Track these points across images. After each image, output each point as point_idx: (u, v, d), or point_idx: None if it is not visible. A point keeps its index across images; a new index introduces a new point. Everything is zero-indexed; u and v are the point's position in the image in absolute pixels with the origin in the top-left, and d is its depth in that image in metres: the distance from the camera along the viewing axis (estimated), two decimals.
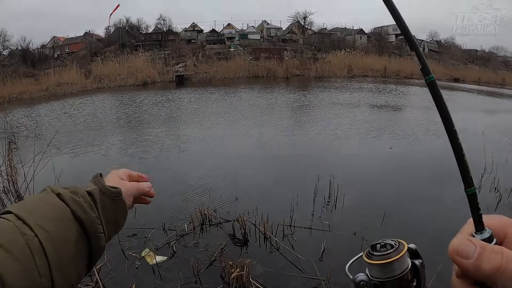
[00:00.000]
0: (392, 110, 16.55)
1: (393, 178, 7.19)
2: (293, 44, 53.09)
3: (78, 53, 50.85)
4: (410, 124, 12.46)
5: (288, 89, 26.69)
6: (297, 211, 5.28)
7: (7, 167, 6.94)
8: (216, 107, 17.96)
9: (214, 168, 8.07)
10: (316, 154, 9.11)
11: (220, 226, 5.20)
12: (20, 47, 50.72)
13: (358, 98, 20.37)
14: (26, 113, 20.35)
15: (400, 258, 0.52)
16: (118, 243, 4.64)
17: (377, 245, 0.53)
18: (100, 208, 0.77)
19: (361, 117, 14.24)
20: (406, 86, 29.17)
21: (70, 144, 10.65)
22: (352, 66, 41.25)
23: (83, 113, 18.29)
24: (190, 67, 41.28)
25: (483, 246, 0.44)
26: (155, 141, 10.86)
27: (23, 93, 33.56)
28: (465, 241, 0.45)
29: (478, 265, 0.43)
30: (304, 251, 4.45)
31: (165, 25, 57.05)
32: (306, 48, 50.71)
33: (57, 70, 40.77)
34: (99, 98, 25.99)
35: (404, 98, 21.37)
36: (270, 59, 41.68)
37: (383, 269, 0.52)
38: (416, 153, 9.08)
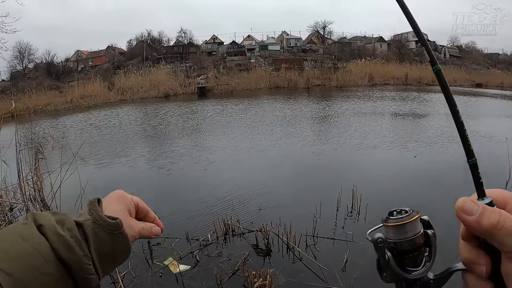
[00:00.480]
0: (416, 118, 16.32)
1: (417, 187, 7.06)
2: (313, 54, 53.13)
3: (101, 66, 52.14)
4: (435, 132, 12.24)
5: (310, 99, 26.69)
6: (320, 222, 5.25)
7: (33, 176, 7.14)
8: (240, 118, 18.08)
9: (238, 178, 8.11)
10: (339, 164, 9.06)
11: (243, 236, 5.21)
12: (45, 60, 52.39)
13: (381, 107, 20.18)
14: (51, 124, 20.98)
15: (412, 222, 0.57)
16: (142, 251, 4.71)
17: (394, 211, 0.59)
18: (93, 243, 0.65)
19: (385, 125, 14.10)
20: (428, 93, 28.74)
21: (96, 155, 10.90)
22: (373, 74, 40.98)
23: (108, 125, 18.71)
24: (211, 79, 41.75)
25: (484, 206, 0.51)
26: (181, 152, 10.99)
27: (48, 105, 34.63)
28: (469, 201, 0.52)
29: (479, 221, 0.50)
30: (327, 261, 4.41)
31: (186, 38, 58.00)
32: (326, 58, 50.66)
33: (81, 82, 41.86)
34: (123, 110, 26.53)
35: (428, 106, 21.03)
36: (291, 70, 41.78)
37: (397, 230, 0.57)
38: (442, 161, 8.90)
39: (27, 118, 10.49)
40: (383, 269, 0.59)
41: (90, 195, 5.56)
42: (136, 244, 4.81)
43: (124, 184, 8.22)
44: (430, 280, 0.58)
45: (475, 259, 0.53)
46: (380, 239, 0.58)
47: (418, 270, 0.58)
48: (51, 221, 0.62)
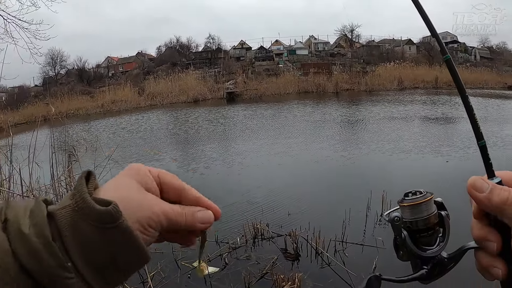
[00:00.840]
0: (448, 122, 15.90)
1: (449, 193, 6.88)
2: (341, 58, 52.73)
3: (131, 72, 53.45)
4: (469, 136, 11.87)
5: (339, 104, 26.47)
6: (349, 227, 5.21)
7: (67, 177, 7.40)
8: (270, 123, 18.09)
9: (268, 183, 8.13)
10: (369, 169, 8.94)
11: (272, 240, 5.22)
12: (76, 66, 54.27)
13: (412, 111, 19.79)
14: (84, 128, 21.67)
15: (426, 202, 0.60)
16: (172, 252, 4.79)
17: (409, 193, 0.62)
18: (73, 244, 0.43)
19: (416, 130, 13.83)
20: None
21: (129, 159, 11.17)
22: (402, 78, 40.24)
23: (139, 129, 19.16)
24: (240, 84, 42.04)
25: (494, 184, 0.54)
26: (213, 156, 11.14)
27: (80, 109, 35.91)
28: (480, 179, 0.56)
29: (490, 198, 0.53)
30: (356, 267, 4.37)
31: (214, 44, 58.72)
32: (355, 62, 50.17)
33: (112, 88, 43.11)
34: (154, 114, 27.08)
35: (460, 109, 20.39)
36: (319, 74, 41.59)
37: (412, 210, 0.60)
38: (476, 167, 8.63)
39: (60, 121, 10.87)
40: (400, 247, 0.62)
41: None
42: (164, 244, 4.91)
43: None
44: (445, 259, 0.61)
45: (486, 236, 0.56)
46: (397, 218, 0.62)
47: (432, 249, 0.61)
48: (19, 212, 0.43)
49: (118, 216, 0.44)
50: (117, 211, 0.44)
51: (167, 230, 0.52)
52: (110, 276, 0.46)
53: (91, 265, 0.44)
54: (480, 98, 27.17)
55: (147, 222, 0.48)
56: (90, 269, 0.43)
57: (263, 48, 58.41)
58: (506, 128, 12.70)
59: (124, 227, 0.44)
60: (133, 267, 0.48)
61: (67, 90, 41.63)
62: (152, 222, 0.48)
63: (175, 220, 0.51)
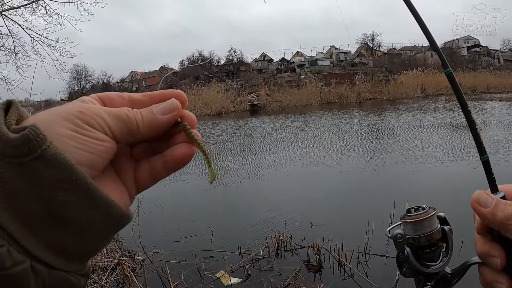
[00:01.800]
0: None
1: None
2: (363, 67, 52.49)
3: (155, 86, 54.61)
4: (499, 142, 11.56)
5: (363, 113, 26.30)
6: (372, 238, 5.14)
7: None
8: (295, 135, 18.01)
9: (291, 194, 8.13)
10: (393, 179, 8.83)
11: (295, 251, 5.22)
12: (101, 81, 55.94)
13: (436, 119, 19.43)
14: None
15: (429, 218, 0.60)
16: (195, 263, 4.84)
17: (411, 209, 0.63)
18: None
19: (442, 138, 13.54)
20: (484, 101, 27.46)
21: None
22: (425, 85, 39.67)
23: None
24: (263, 96, 42.33)
25: (498, 199, 0.53)
26: (239, 169, 11.21)
27: None
28: (484, 194, 0.55)
29: (494, 213, 0.52)
30: (378, 279, 4.31)
31: (236, 57, 59.53)
32: (377, 70, 49.78)
33: None
34: None
35: (486, 115, 19.96)
36: (341, 84, 41.49)
37: (415, 226, 0.61)
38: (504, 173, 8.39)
39: None
40: (403, 264, 0.63)
41: (146, 208, 5.81)
42: (188, 255, 5.00)
43: (178, 199, 8.54)
44: (448, 274, 0.61)
45: (490, 252, 0.55)
46: (399, 235, 0.62)
47: (436, 265, 0.61)
48: None
49: (39, 140, 0.32)
50: (36, 134, 0.32)
51: (142, 148, 0.44)
52: (59, 239, 0.35)
53: (24, 224, 0.33)
54: (505, 102, 26.47)
55: (80, 118, 0.36)
56: (25, 231, 0.33)
57: (284, 59, 58.81)
58: None
59: (52, 153, 0.33)
60: (89, 218, 0.35)
61: None
62: (89, 117, 0.37)
63: (127, 115, 0.40)
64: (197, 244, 5.49)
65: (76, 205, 0.34)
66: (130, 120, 0.39)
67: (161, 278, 4.49)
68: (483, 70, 47.98)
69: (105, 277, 4.32)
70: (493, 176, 0.58)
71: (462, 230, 2.80)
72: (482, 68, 49.11)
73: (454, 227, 0.65)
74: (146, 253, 5.10)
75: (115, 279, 4.39)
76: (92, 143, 0.36)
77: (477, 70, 46.88)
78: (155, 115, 0.41)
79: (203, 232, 5.90)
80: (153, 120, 0.41)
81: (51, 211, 0.33)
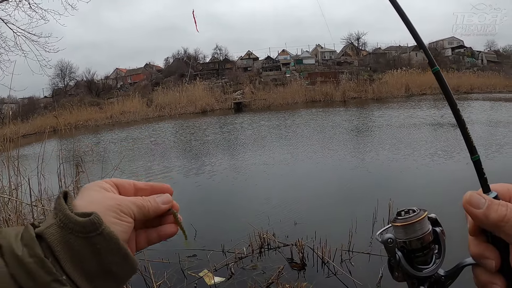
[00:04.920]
0: (453, 127, 15.74)
1: (456, 197, 6.80)
2: (348, 66, 52.90)
3: (140, 83, 54.12)
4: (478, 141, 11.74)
5: (347, 112, 26.42)
6: (356, 236, 5.16)
7: (74, 188, 7.50)
8: (278, 133, 18.02)
9: (274, 192, 8.11)
10: (376, 177, 8.87)
11: (278, 250, 5.20)
12: (85, 78, 55.20)
13: (420, 118, 19.64)
14: (92, 139, 21.90)
15: (420, 220, 0.59)
16: (178, 262, 4.79)
17: (402, 211, 0.61)
18: (65, 258, 0.48)
19: (424, 136, 13.67)
20: (467, 101, 27.92)
21: (136, 170, 11.27)
22: (410, 85, 40.27)
23: (147, 140, 19.31)
24: (248, 94, 42.35)
25: (491, 199, 0.52)
26: (220, 166, 11.15)
27: (89, 120, 36.52)
28: (477, 195, 0.54)
29: (487, 214, 0.51)
30: (362, 276, 4.33)
31: (221, 54, 59.37)
32: (362, 70, 50.27)
33: (120, 99, 43.74)
34: (162, 125, 27.25)
35: (472, 113, 20.31)
36: (326, 83, 41.73)
37: (406, 230, 0.59)
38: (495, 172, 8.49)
39: (68, 133, 10.98)
40: (395, 269, 0.61)
41: None
42: (171, 254, 4.95)
43: None
44: (442, 277, 0.60)
45: (484, 253, 0.54)
46: (390, 239, 0.60)
47: (429, 268, 0.60)
48: (10, 238, 0.47)
49: (100, 223, 0.50)
50: (98, 219, 0.50)
51: (141, 221, 0.60)
52: (103, 284, 0.51)
53: (84, 275, 0.49)
54: (488, 102, 27.04)
55: (119, 209, 0.55)
56: (83, 279, 0.49)
57: (270, 58, 58.88)
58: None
59: (107, 232, 0.51)
60: (121, 272, 0.53)
61: (76, 102, 42.27)
62: (124, 208, 0.56)
63: (142, 205, 0.59)
64: (180, 243, 5.42)
65: (118, 264, 0.52)
66: (145, 208, 0.59)
67: (144, 278, 4.43)
68: (467, 70, 48.89)
69: None
70: (484, 176, 0.57)
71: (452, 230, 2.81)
72: (466, 69, 50.03)
73: (444, 225, 0.63)
74: None
75: None
76: (126, 225, 0.56)
77: (461, 70, 47.73)
78: (158, 204, 0.62)
79: (186, 231, 5.84)
80: (157, 208, 0.62)
81: (103, 267, 0.51)
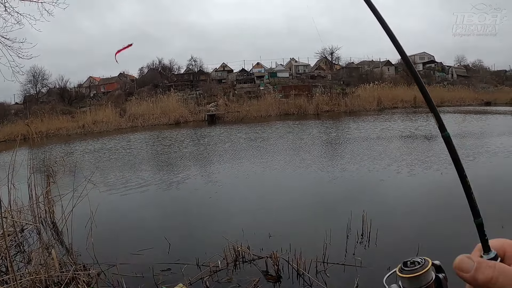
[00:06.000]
0: (426, 139, 16.22)
1: (427, 210, 6.99)
2: (321, 80, 53.77)
3: (113, 93, 53.27)
4: (442, 154, 12.17)
5: (319, 125, 26.75)
6: (330, 247, 5.21)
7: (45, 198, 7.31)
8: (250, 146, 18.00)
9: (248, 205, 8.12)
10: (349, 189, 9.01)
11: (253, 262, 5.19)
12: (58, 85, 53.90)
13: (390, 131, 20.14)
14: (63, 149, 21.37)
15: (425, 272, 0.62)
16: (152, 276, 4.71)
17: (408, 262, 0.65)
18: None
19: (395, 149, 13.99)
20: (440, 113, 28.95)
21: (107, 181, 11.06)
22: (382, 98, 41.35)
23: (119, 151, 19.00)
24: (221, 106, 42.34)
25: (479, 261, 0.55)
26: (192, 179, 11.08)
27: (60, 129, 35.69)
28: (465, 258, 0.56)
29: (476, 277, 0.53)
30: (337, 287, 4.38)
31: (196, 66, 59.29)
32: (335, 83, 51.16)
33: (93, 108, 43.01)
34: (135, 136, 26.90)
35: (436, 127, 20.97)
36: (300, 96, 42.19)
37: (411, 281, 0.63)
38: (447, 184, 8.78)
39: (40, 141, 10.67)
40: None
41: (99, 220, 5.64)
42: (145, 268, 4.86)
43: (133, 210, 8.30)
44: None
45: None
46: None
47: None
48: None
49: None
50: None
51: None
52: None
53: None
54: (458, 114, 28.09)
55: None
56: None
57: (244, 70, 59.21)
58: (487, 141, 13.16)
59: None
60: None
61: (48, 109, 41.23)
62: None
63: None
64: (154, 257, 5.35)
65: None
66: None
67: None
68: (438, 84, 50.67)
69: None
70: (486, 237, 0.60)
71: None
72: (437, 83, 51.82)
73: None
74: (101, 266, 4.92)
75: None
76: None
77: (431, 84, 49.37)
78: None
79: (160, 244, 5.76)
80: None
81: None
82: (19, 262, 5.36)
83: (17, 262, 5.35)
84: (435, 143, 15.03)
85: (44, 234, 6.62)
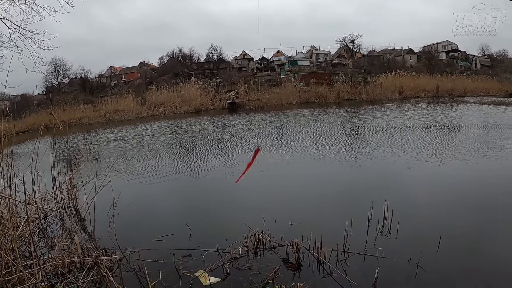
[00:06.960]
0: (450, 130, 15.85)
1: (450, 201, 6.85)
2: (342, 68, 52.97)
3: (134, 82, 53.77)
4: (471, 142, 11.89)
5: (341, 114, 26.48)
6: (351, 237, 5.17)
7: (68, 185, 7.47)
8: (272, 134, 18.04)
9: (269, 193, 8.13)
10: (372, 178, 8.89)
11: (274, 250, 5.20)
12: (79, 76, 54.70)
13: (413, 120, 19.78)
14: (86, 137, 21.77)
15: None
16: (173, 262, 4.78)
17: None
18: None
19: (419, 138, 13.74)
20: (461, 104, 28.39)
21: (130, 168, 11.21)
22: (404, 87, 40.51)
23: (141, 139, 19.22)
24: (242, 95, 42.28)
25: None
26: (215, 166, 11.14)
27: (82, 118, 36.35)
28: None
29: None
30: (358, 277, 4.34)
31: (216, 54, 59.22)
32: (356, 72, 50.33)
33: (114, 98, 43.48)
34: (156, 125, 27.15)
35: (462, 115, 20.48)
36: (321, 84, 41.76)
37: None
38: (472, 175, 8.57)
39: (62, 131, 10.92)
40: None
41: (122, 207, 5.75)
42: (166, 254, 4.92)
43: (156, 197, 8.41)
44: None
45: None
46: None
47: None
48: None
49: None
50: None
51: None
52: None
53: None
54: (482, 105, 27.35)
55: None
56: None
57: (264, 58, 58.84)
58: None
59: None
60: None
61: (70, 100, 41.97)
62: None
63: None
64: (175, 243, 5.41)
65: None
66: None
67: (139, 278, 4.41)
68: (461, 74, 49.26)
69: (81, 277, 4.21)
70: None
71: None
72: (460, 72, 50.37)
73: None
74: (123, 252, 5.00)
75: (92, 279, 4.28)
76: None
77: (454, 74, 48.06)
78: None
79: (181, 230, 5.83)
80: None
81: None
82: (42, 248, 5.47)
83: (41, 247, 5.46)
84: (462, 133, 14.70)
85: (67, 220, 6.77)
